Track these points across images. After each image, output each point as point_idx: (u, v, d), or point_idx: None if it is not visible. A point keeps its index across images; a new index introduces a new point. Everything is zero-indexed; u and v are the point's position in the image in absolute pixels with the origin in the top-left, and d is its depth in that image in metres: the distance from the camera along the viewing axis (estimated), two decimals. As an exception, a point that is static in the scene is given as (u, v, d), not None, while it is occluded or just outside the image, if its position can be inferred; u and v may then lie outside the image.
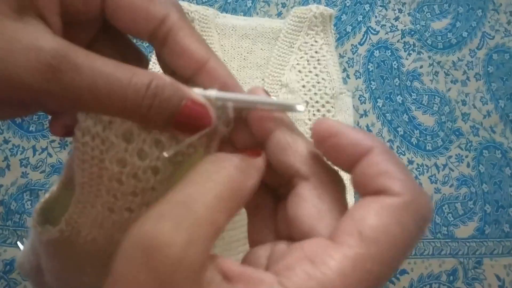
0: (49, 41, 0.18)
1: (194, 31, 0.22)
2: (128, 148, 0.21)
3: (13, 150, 0.56)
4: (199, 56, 0.22)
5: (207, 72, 0.22)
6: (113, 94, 0.18)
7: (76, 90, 0.18)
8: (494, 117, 0.62)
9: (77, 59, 0.18)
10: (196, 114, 0.20)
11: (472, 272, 0.55)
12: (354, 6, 0.66)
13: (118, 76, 0.19)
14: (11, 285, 0.50)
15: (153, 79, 0.19)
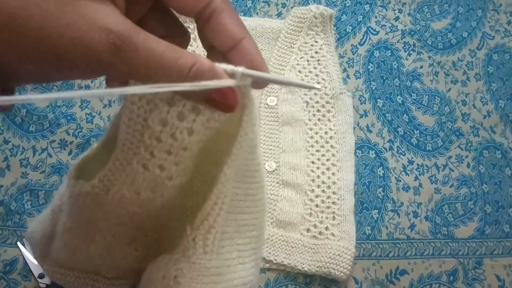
0: (117, 23, 0.21)
1: (234, 14, 0.26)
2: (170, 110, 0.25)
3: (13, 151, 0.56)
4: (235, 34, 0.25)
5: (240, 49, 0.25)
6: (161, 71, 0.22)
7: (133, 65, 0.22)
8: (494, 117, 0.62)
9: (137, 41, 0.22)
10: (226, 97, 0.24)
11: (472, 272, 0.55)
12: (354, 6, 0.66)
13: (167, 56, 0.22)
14: (11, 285, 0.50)
15: (196, 63, 0.23)
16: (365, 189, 0.57)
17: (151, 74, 0.22)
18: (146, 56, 0.22)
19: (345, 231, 0.53)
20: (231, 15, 0.25)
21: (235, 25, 0.25)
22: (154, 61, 0.22)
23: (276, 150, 0.56)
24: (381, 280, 0.53)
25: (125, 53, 0.21)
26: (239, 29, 0.25)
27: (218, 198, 0.26)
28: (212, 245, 0.27)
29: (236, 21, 0.26)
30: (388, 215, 0.56)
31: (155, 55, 0.22)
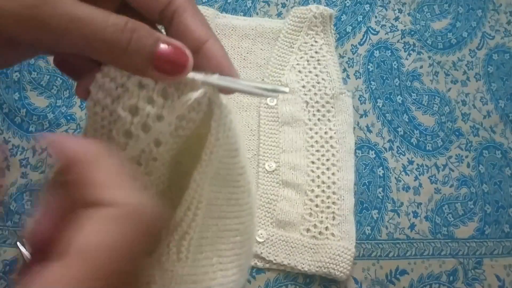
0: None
1: (197, 13, 0.24)
2: (134, 121, 0.23)
3: (13, 151, 0.56)
4: (198, 36, 0.23)
5: (204, 52, 0.23)
6: (93, 25, 0.20)
7: (58, 17, 0.20)
8: (494, 117, 0.62)
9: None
10: (173, 52, 0.22)
11: (472, 272, 0.55)
12: (354, 6, 0.66)
13: (98, 12, 0.20)
14: (11, 286, 0.50)
15: (129, 20, 0.21)
16: (365, 189, 0.57)
17: (82, 29, 0.20)
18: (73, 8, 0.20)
19: (345, 231, 0.53)
20: (194, 15, 0.24)
21: (198, 26, 0.24)
22: (84, 14, 0.20)
23: (276, 150, 0.56)
24: (381, 280, 0.53)
25: (47, 5, 0.19)
26: (202, 30, 0.24)
27: (191, 204, 0.25)
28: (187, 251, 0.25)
29: (200, 21, 0.24)
30: (388, 215, 0.56)
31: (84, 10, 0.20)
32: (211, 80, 0.23)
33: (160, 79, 0.22)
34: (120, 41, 0.21)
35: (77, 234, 0.17)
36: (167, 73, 0.22)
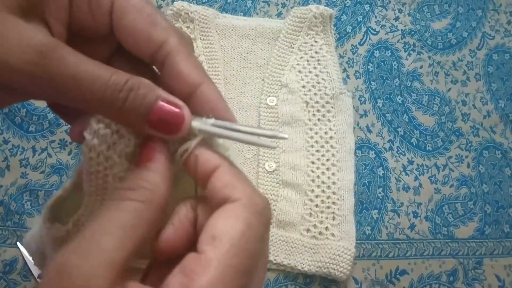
0: (43, 36, 0.20)
1: (190, 56, 0.24)
2: (130, 167, 0.23)
3: (13, 151, 0.56)
4: (192, 79, 0.23)
5: (199, 96, 0.23)
6: (94, 85, 0.20)
7: (60, 77, 0.20)
8: (494, 117, 0.62)
9: (64, 52, 0.20)
10: (170, 113, 0.22)
11: (472, 272, 0.55)
12: (354, 6, 0.66)
13: (100, 71, 0.21)
14: (11, 286, 0.50)
15: (131, 77, 0.21)
16: (365, 189, 0.57)
17: (82, 88, 0.20)
18: (75, 68, 0.20)
19: (345, 231, 0.53)
20: (187, 58, 0.23)
21: (191, 69, 0.23)
22: (86, 75, 0.20)
23: (276, 150, 0.56)
24: (381, 280, 0.53)
25: (50, 61, 0.20)
26: (196, 73, 0.23)
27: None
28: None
29: (193, 64, 0.24)
30: (388, 215, 0.56)
31: (87, 69, 0.20)
32: (208, 129, 0.23)
33: (156, 135, 0.23)
34: (117, 101, 0.21)
35: (219, 224, 0.20)
36: (161, 132, 0.22)
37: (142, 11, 0.23)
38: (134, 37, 0.23)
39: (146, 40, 0.23)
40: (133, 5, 0.23)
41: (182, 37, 0.24)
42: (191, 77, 0.23)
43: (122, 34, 0.23)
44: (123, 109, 0.21)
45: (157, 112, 0.21)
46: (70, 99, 0.21)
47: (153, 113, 0.21)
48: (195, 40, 0.61)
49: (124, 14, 0.23)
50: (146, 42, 0.23)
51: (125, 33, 0.23)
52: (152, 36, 0.23)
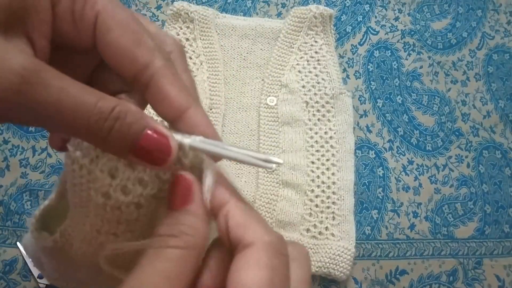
0: (24, 58, 0.19)
1: (177, 79, 0.23)
2: (112, 183, 0.22)
3: (13, 151, 0.56)
4: (179, 104, 0.22)
5: (186, 121, 0.22)
6: (78, 113, 0.19)
7: (42, 104, 0.19)
8: (494, 117, 0.62)
9: (47, 76, 0.19)
10: (157, 144, 0.21)
11: (472, 272, 0.55)
12: (354, 6, 0.66)
13: (85, 98, 0.19)
14: (11, 286, 0.50)
15: (118, 104, 0.20)
16: (365, 189, 0.57)
17: (65, 116, 0.19)
18: (58, 94, 0.19)
19: (345, 231, 0.53)
20: (173, 81, 0.22)
21: (177, 93, 0.22)
22: (69, 101, 0.19)
23: (275, 150, 0.56)
24: (381, 280, 0.53)
25: (31, 88, 0.18)
26: (182, 97, 0.22)
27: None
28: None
29: (179, 88, 0.22)
30: (388, 215, 0.56)
31: (70, 95, 0.19)
32: (200, 146, 0.22)
33: (140, 165, 0.22)
34: (101, 130, 0.20)
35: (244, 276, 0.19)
36: (148, 162, 0.21)
37: (127, 28, 0.22)
38: (117, 55, 0.22)
39: (130, 60, 0.22)
40: (118, 21, 0.22)
41: (169, 59, 0.23)
42: (177, 101, 0.22)
43: (105, 51, 0.22)
44: (108, 139, 0.20)
45: (143, 143, 0.20)
46: (52, 126, 0.20)
47: (139, 144, 0.20)
48: (195, 40, 0.61)
49: (108, 30, 0.22)
50: (129, 62, 0.22)
51: (108, 50, 0.22)
52: (137, 56, 0.22)
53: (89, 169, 0.22)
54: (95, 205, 0.22)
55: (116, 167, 0.22)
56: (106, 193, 0.22)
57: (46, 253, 0.28)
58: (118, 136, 0.20)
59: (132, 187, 0.22)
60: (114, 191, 0.22)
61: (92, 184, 0.22)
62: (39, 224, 0.27)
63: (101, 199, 0.22)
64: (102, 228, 0.24)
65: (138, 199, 0.22)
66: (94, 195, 0.22)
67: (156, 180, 0.22)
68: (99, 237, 0.24)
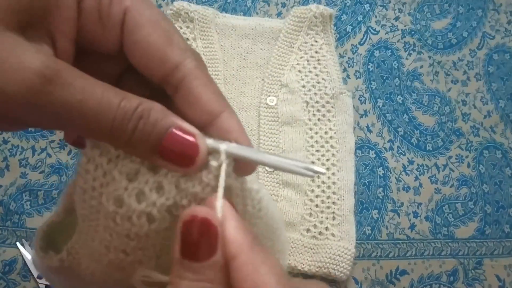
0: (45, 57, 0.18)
1: (210, 82, 0.21)
2: (129, 187, 0.20)
3: (12, 151, 0.56)
4: (212, 108, 0.21)
5: (219, 126, 0.21)
6: (101, 114, 0.18)
7: (65, 105, 0.17)
8: (495, 117, 0.62)
9: (69, 76, 0.18)
10: (184, 143, 0.19)
11: (472, 272, 0.55)
12: (354, 6, 0.66)
13: (108, 97, 0.18)
14: (10, 286, 0.50)
15: (142, 103, 0.19)
16: (365, 189, 0.57)
17: (88, 117, 0.18)
18: (81, 94, 0.18)
19: (345, 231, 0.53)
20: (206, 83, 0.21)
21: (210, 96, 0.21)
22: (92, 102, 0.18)
23: (276, 150, 0.56)
24: (381, 280, 0.53)
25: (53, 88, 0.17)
26: (216, 101, 0.21)
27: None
28: None
29: (213, 91, 0.21)
30: (388, 215, 0.56)
31: (94, 95, 0.18)
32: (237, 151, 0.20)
33: (166, 168, 0.20)
34: (125, 132, 0.19)
35: None
36: (174, 164, 0.19)
37: (158, 25, 0.21)
38: (146, 55, 0.21)
39: (160, 60, 0.20)
40: (148, 18, 0.20)
41: (201, 61, 0.22)
42: (210, 104, 0.21)
43: (133, 50, 0.21)
44: (131, 141, 0.19)
45: (168, 142, 0.19)
46: (74, 129, 0.19)
47: (164, 143, 0.19)
48: (195, 40, 0.61)
49: (137, 28, 0.20)
50: (159, 61, 0.20)
51: (136, 49, 0.21)
52: (168, 56, 0.20)
53: (106, 170, 0.20)
54: (105, 216, 0.21)
55: (137, 170, 0.20)
56: (119, 199, 0.20)
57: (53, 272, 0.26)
58: (142, 136, 0.19)
59: (148, 193, 0.20)
60: (129, 196, 0.20)
61: (105, 188, 0.20)
62: (44, 242, 0.26)
63: (112, 206, 0.20)
64: (111, 243, 0.22)
65: (150, 209, 0.20)
66: (105, 201, 0.20)
67: (174, 189, 0.20)
68: (108, 254, 0.22)
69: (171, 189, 0.20)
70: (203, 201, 0.20)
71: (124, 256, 0.22)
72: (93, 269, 0.24)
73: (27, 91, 0.17)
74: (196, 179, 0.20)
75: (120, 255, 0.22)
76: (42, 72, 0.17)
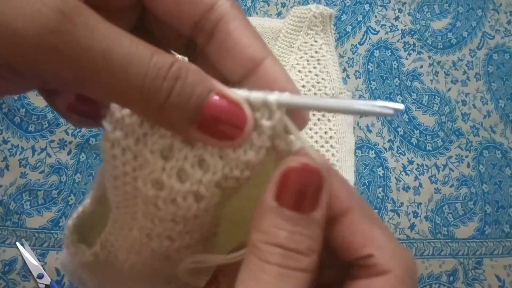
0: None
1: (248, 23, 0.18)
2: (166, 166, 0.17)
3: (12, 150, 0.56)
4: (254, 53, 0.18)
5: (262, 75, 0.18)
6: (132, 67, 0.15)
7: (88, 51, 0.14)
8: (494, 117, 0.62)
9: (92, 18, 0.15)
10: (229, 111, 0.16)
11: (472, 272, 0.55)
12: (354, 6, 0.66)
13: (139, 49, 0.15)
14: (10, 286, 0.50)
15: (177, 61, 0.16)
16: (365, 189, 0.57)
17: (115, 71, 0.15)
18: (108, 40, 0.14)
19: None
20: (245, 25, 0.18)
21: (251, 40, 0.18)
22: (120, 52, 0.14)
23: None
24: (381, 280, 0.53)
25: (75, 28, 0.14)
26: (257, 45, 0.18)
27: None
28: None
29: (253, 34, 0.18)
30: (388, 215, 0.56)
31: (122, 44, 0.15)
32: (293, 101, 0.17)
33: (205, 142, 0.17)
34: (159, 93, 0.15)
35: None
36: (215, 137, 0.16)
37: None
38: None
39: (191, 1, 0.17)
40: None
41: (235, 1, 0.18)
42: (252, 49, 0.17)
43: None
44: (166, 106, 0.15)
45: (210, 111, 0.16)
46: (96, 87, 0.15)
47: (205, 112, 0.16)
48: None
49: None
50: (190, 3, 0.17)
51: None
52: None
53: (135, 152, 0.17)
54: (144, 201, 0.18)
55: (170, 146, 0.17)
56: (158, 181, 0.18)
57: (87, 269, 0.24)
58: (179, 100, 0.15)
59: (190, 170, 0.17)
60: (169, 177, 0.17)
61: (139, 171, 0.18)
62: (75, 236, 0.23)
63: (151, 190, 0.18)
64: (153, 231, 0.19)
65: (197, 187, 0.18)
66: (142, 186, 0.18)
67: (219, 162, 0.17)
68: (150, 243, 0.20)
69: (216, 161, 0.17)
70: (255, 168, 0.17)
71: (169, 242, 0.20)
72: (132, 261, 0.21)
73: (42, 28, 0.14)
74: (246, 144, 0.17)
75: (164, 242, 0.20)
76: (59, 7, 0.14)
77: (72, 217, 0.23)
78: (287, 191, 0.16)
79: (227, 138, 0.16)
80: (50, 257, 0.51)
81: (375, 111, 0.17)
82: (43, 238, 0.52)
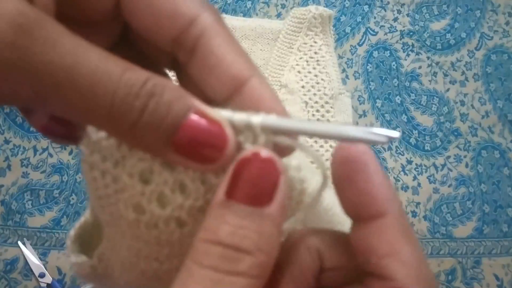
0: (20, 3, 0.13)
1: (233, 39, 0.17)
2: (146, 191, 0.16)
3: (14, 150, 0.56)
4: (238, 71, 0.16)
5: (247, 95, 0.16)
6: (99, 84, 0.13)
7: (49, 68, 0.13)
8: (493, 118, 0.62)
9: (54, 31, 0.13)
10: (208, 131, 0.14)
11: (470, 271, 0.55)
12: (353, 7, 0.66)
13: (108, 65, 0.14)
14: (12, 285, 0.51)
15: (152, 77, 0.14)
16: (364, 188, 0.57)
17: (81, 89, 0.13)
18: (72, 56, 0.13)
19: (344, 231, 0.53)
20: (229, 42, 0.16)
21: (236, 57, 0.16)
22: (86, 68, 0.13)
23: (275, 150, 0.57)
24: (380, 279, 0.54)
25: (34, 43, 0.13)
26: (242, 62, 0.16)
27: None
28: None
29: (237, 51, 0.17)
30: (387, 215, 0.56)
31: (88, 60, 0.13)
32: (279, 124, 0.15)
33: (184, 165, 0.16)
34: (130, 112, 0.14)
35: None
36: (194, 160, 0.15)
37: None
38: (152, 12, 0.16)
39: (171, 15, 0.16)
40: None
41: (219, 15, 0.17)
42: (236, 67, 0.16)
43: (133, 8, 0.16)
44: (138, 125, 0.14)
45: (188, 131, 0.14)
46: (60, 105, 0.14)
47: (182, 132, 0.14)
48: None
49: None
50: (170, 18, 0.16)
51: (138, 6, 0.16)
52: (180, 9, 0.16)
53: (114, 175, 0.16)
54: (127, 224, 0.17)
55: (150, 169, 0.16)
56: (138, 206, 0.17)
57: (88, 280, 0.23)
58: (153, 119, 0.14)
59: (170, 194, 0.16)
60: (149, 202, 0.17)
61: (121, 194, 0.17)
62: (76, 246, 0.22)
63: (132, 214, 0.17)
64: (141, 252, 0.18)
65: (178, 213, 0.17)
66: (123, 209, 0.17)
67: (201, 187, 0.17)
68: (139, 263, 0.19)
69: (197, 187, 0.17)
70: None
71: (158, 264, 0.19)
72: (126, 278, 0.21)
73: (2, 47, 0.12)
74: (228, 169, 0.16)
75: (153, 264, 0.19)
76: (16, 20, 0.12)
77: (74, 226, 0.23)
78: (237, 184, 0.14)
79: (207, 161, 0.15)
80: (51, 256, 0.52)
81: (369, 139, 0.16)
82: (44, 238, 0.53)
